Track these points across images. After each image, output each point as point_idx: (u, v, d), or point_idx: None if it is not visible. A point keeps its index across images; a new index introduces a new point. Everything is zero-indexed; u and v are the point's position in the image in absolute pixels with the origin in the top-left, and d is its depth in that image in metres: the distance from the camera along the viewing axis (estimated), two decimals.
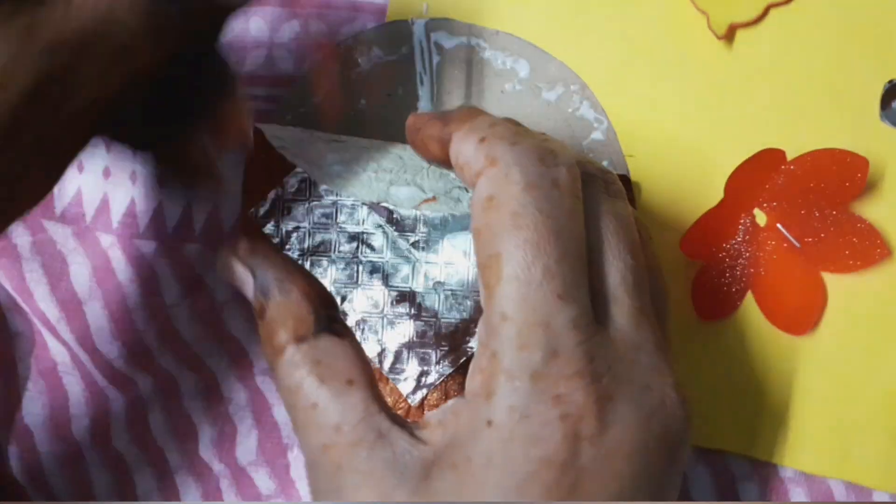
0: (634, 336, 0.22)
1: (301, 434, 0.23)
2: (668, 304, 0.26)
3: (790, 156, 0.30)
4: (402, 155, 0.31)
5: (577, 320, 0.21)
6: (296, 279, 0.24)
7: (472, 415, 0.21)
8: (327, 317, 0.24)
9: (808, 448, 0.30)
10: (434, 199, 0.28)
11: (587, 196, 0.23)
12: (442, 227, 0.32)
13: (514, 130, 0.23)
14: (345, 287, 0.32)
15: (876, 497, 0.29)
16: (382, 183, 0.31)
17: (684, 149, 0.31)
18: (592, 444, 0.21)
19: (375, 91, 0.32)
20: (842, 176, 0.29)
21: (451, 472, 0.21)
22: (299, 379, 0.22)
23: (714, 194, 0.30)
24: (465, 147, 0.23)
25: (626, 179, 0.31)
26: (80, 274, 0.33)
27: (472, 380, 0.22)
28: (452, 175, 0.30)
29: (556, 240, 0.21)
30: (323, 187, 0.31)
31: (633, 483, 0.21)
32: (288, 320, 0.23)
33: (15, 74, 0.20)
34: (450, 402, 0.23)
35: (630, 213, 0.24)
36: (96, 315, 0.33)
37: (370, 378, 0.23)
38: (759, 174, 0.30)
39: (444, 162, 0.24)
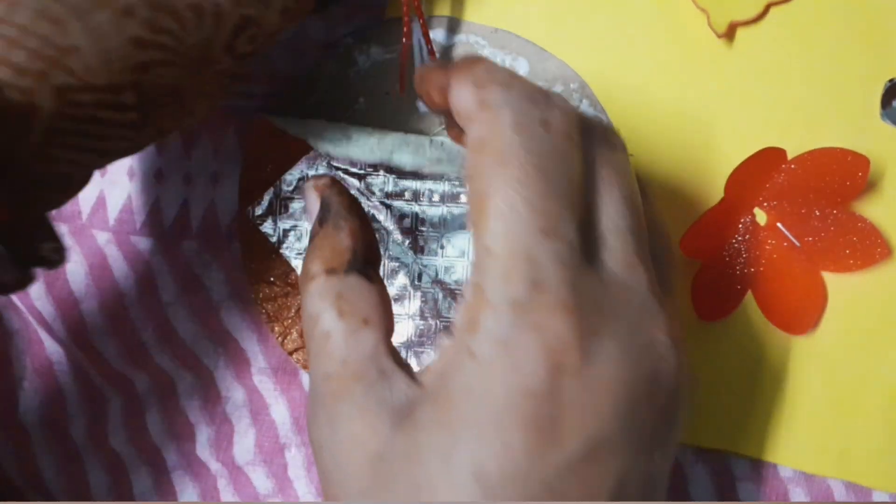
0: (627, 279, 0.22)
1: (311, 362, 0.24)
2: (674, 261, 0.26)
3: (791, 155, 0.30)
4: (404, 138, 0.31)
5: (562, 255, 0.21)
6: (352, 220, 0.25)
7: (455, 348, 0.21)
8: (364, 260, 0.25)
9: (807, 448, 0.30)
10: (438, 162, 0.28)
11: (584, 144, 0.23)
12: (440, 226, 0.31)
13: (511, 75, 0.23)
14: None
15: (875, 497, 0.29)
16: (384, 151, 0.31)
17: (684, 148, 0.31)
18: (574, 377, 0.20)
19: (374, 89, 0.32)
20: (842, 175, 0.29)
21: (431, 406, 0.21)
22: (321, 308, 0.23)
23: (714, 193, 0.30)
24: (462, 93, 0.23)
25: None
26: (76, 272, 0.33)
27: (458, 314, 0.22)
28: (457, 148, 0.30)
29: (543, 177, 0.21)
30: (325, 154, 0.31)
31: (617, 423, 0.20)
32: (326, 252, 0.24)
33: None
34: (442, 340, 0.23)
35: (628, 165, 0.24)
36: (92, 313, 0.33)
37: (387, 324, 0.24)
38: (759, 173, 0.30)
39: (447, 111, 0.24)
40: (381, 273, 0.32)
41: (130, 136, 0.24)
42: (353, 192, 0.32)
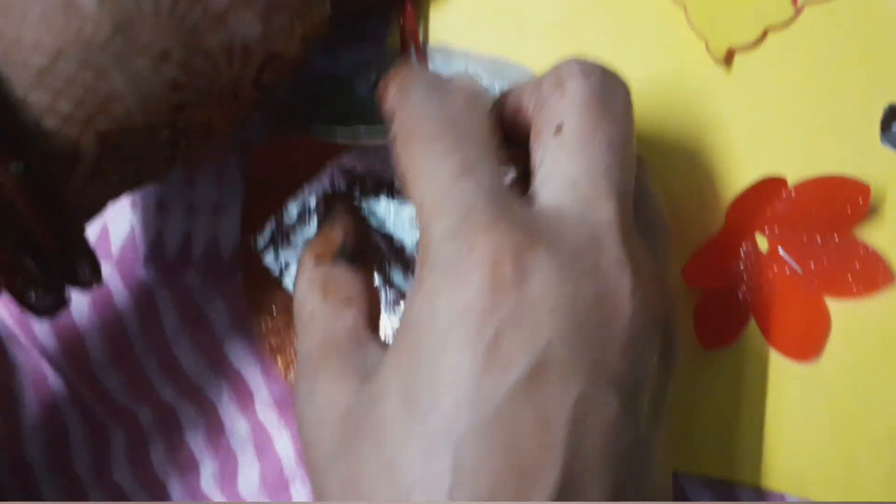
0: (579, 215, 0.22)
1: (298, 344, 0.25)
2: (666, 230, 0.26)
3: (791, 179, 0.30)
4: None
5: (484, 187, 0.22)
6: (346, 219, 0.28)
7: (409, 293, 0.22)
8: (352, 250, 0.27)
9: (814, 476, 0.29)
10: None
11: (575, 90, 0.23)
12: None
13: (420, 76, 0.25)
14: None
15: None
16: None
17: (684, 175, 0.31)
18: (511, 291, 0.20)
19: (375, 118, 0.32)
20: (843, 202, 0.29)
21: (391, 351, 0.21)
22: (308, 293, 0.26)
23: (715, 221, 0.30)
24: (387, 101, 0.25)
25: None
26: (79, 304, 0.33)
27: (416, 270, 0.22)
28: None
29: (448, 131, 0.22)
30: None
31: (562, 343, 0.20)
32: (318, 246, 0.27)
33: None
34: None
35: (624, 106, 0.24)
36: (96, 346, 0.33)
37: (370, 304, 0.25)
38: (760, 201, 0.30)
39: None
40: (384, 303, 0.32)
41: (163, 169, 0.26)
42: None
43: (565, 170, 0.22)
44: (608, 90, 0.24)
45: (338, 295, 0.25)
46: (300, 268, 0.27)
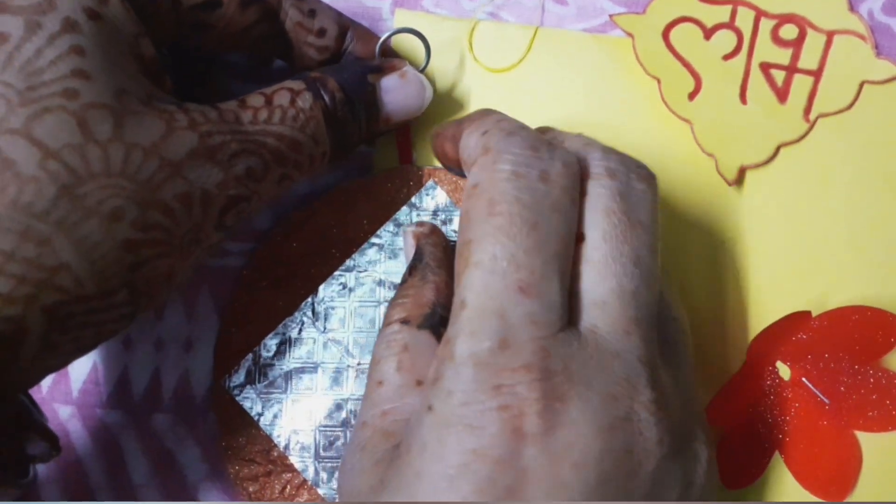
0: (615, 344, 0.20)
1: (362, 403, 0.24)
2: (686, 341, 0.25)
3: (811, 304, 0.28)
4: None
5: (536, 315, 0.20)
6: (440, 275, 0.25)
7: (420, 402, 0.20)
8: (441, 318, 0.24)
9: None
10: None
11: (598, 194, 0.21)
12: None
13: (518, 124, 0.22)
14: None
15: None
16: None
17: (701, 306, 0.29)
18: (535, 443, 0.19)
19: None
20: (870, 332, 0.27)
21: (392, 467, 0.20)
22: (384, 355, 0.23)
23: (736, 358, 0.28)
24: (469, 140, 0.22)
25: None
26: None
27: (430, 368, 0.21)
28: None
29: (531, 231, 0.20)
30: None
31: (586, 500, 0.18)
32: (409, 302, 0.24)
33: None
34: None
35: (651, 222, 0.22)
36: (55, 499, 0.30)
37: None
38: (783, 335, 0.27)
39: (458, 163, 0.23)
40: None
41: (124, 325, 0.23)
42: None
43: (593, 287, 0.21)
44: (634, 192, 0.22)
45: (412, 371, 0.23)
46: (385, 322, 0.24)
